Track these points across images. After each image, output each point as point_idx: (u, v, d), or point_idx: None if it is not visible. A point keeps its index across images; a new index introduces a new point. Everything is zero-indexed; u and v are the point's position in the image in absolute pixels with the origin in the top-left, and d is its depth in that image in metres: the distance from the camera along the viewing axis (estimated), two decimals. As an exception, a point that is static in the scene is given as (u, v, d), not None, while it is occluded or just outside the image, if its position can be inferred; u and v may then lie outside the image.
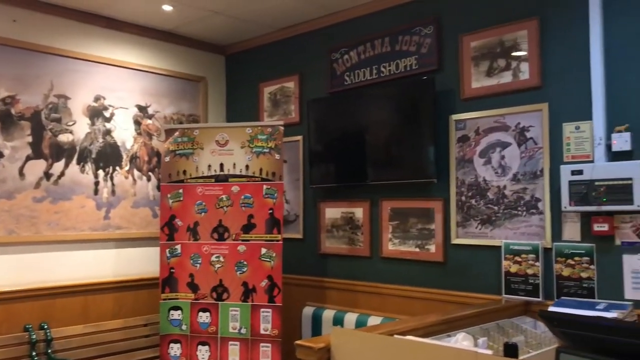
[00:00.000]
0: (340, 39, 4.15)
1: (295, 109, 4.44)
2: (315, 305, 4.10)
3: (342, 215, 4.07)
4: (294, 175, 4.40)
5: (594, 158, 2.94)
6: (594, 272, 2.93)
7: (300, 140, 4.36)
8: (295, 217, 4.38)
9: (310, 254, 4.26)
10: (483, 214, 3.37)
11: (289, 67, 4.49)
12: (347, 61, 4.08)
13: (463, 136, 3.48)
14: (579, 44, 3.02)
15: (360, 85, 4.01)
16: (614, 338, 1.64)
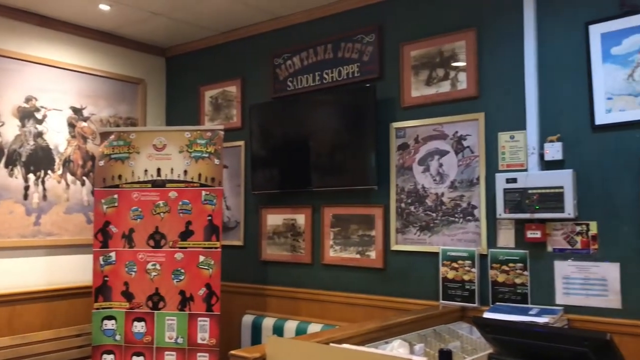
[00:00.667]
0: (283, 44, 4.12)
1: (237, 114, 4.38)
2: (255, 314, 4.04)
3: (284, 221, 4.04)
4: (235, 181, 4.33)
5: (528, 167, 3.02)
6: (527, 278, 3.01)
7: (242, 146, 4.30)
8: (236, 224, 4.31)
9: (250, 261, 4.20)
10: (422, 220, 3.41)
11: (231, 71, 4.43)
12: (290, 67, 4.06)
13: (403, 144, 3.52)
14: (515, 56, 3.11)
15: (303, 91, 3.99)
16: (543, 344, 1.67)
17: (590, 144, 2.87)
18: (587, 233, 2.85)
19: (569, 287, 2.89)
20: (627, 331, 2.67)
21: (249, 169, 4.18)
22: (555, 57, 3.00)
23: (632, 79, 2.76)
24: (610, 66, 2.83)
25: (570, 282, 2.88)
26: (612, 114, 2.81)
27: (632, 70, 2.77)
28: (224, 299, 3.84)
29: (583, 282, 2.84)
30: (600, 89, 2.84)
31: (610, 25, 2.83)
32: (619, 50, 2.81)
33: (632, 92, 2.76)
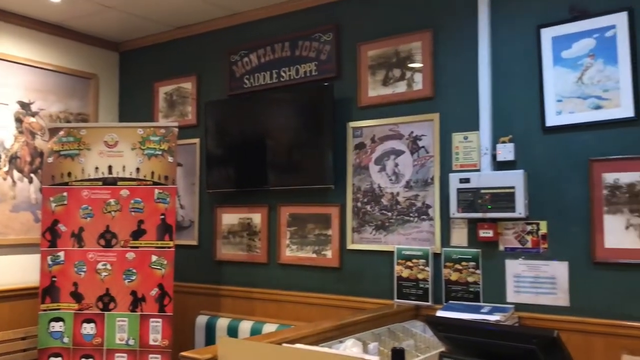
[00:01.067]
0: (240, 41, 4.07)
1: (192, 111, 4.30)
2: (209, 314, 3.98)
3: (240, 221, 3.99)
4: (189, 179, 4.26)
5: (481, 167, 3.07)
6: (479, 276, 3.05)
7: (197, 143, 4.23)
8: (190, 223, 4.24)
9: (205, 261, 4.13)
10: (377, 219, 3.42)
11: (186, 67, 4.35)
12: (247, 64, 4.02)
13: (360, 143, 3.52)
14: (469, 58, 3.15)
15: (260, 88, 3.96)
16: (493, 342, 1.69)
17: (541, 145, 2.93)
18: (538, 232, 2.91)
19: (520, 285, 2.94)
20: (574, 328, 2.74)
21: (204, 167, 4.12)
22: (508, 59, 3.05)
23: (581, 82, 2.84)
24: (561, 69, 2.89)
25: (521, 280, 2.94)
26: (562, 115, 2.88)
27: (582, 73, 2.84)
28: (177, 300, 3.77)
29: (533, 280, 2.90)
30: (551, 92, 2.91)
31: (561, 29, 2.90)
32: (569, 53, 2.88)
33: (581, 94, 2.83)
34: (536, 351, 1.58)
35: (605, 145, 2.76)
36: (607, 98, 2.77)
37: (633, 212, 2.66)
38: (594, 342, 2.70)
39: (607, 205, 2.73)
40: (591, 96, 2.81)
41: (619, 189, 2.70)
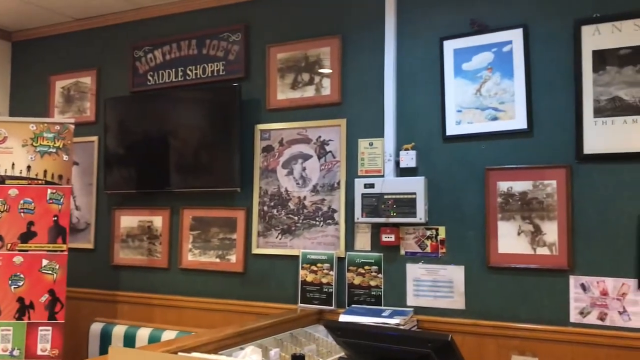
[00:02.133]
0: (144, 36, 3.92)
1: (91, 107, 4.08)
2: (105, 321, 3.78)
3: (140, 224, 3.83)
4: (86, 179, 4.03)
5: (385, 173, 3.12)
6: (381, 280, 3.10)
7: (96, 141, 4.02)
8: (86, 226, 4.01)
9: (101, 266, 3.93)
10: (284, 223, 3.40)
11: (86, 61, 4.13)
12: (151, 60, 3.87)
13: (267, 146, 3.49)
14: (376, 66, 3.20)
15: (164, 86, 3.82)
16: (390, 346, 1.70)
17: (441, 153, 3.03)
18: (437, 237, 3.00)
19: (419, 289, 3.02)
20: (469, 330, 2.85)
21: (103, 166, 3.91)
22: (412, 69, 3.13)
23: (480, 94, 2.96)
24: (461, 80, 3.01)
25: (420, 284, 3.02)
26: (461, 125, 2.99)
27: (480, 85, 2.96)
28: (70, 306, 3.56)
29: (432, 284, 2.99)
30: (452, 102, 3.01)
31: (462, 42, 3.01)
32: (469, 66, 3.00)
33: (480, 106, 2.96)
34: (431, 355, 1.62)
35: (500, 155, 2.89)
36: (502, 110, 2.90)
37: (524, 219, 2.81)
38: (487, 343, 2.82)
39: (501, 212, 2.86)
40: (488, 108, 2.93)
41: (512, 197, 2.84)
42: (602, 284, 2.64)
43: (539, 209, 2.78)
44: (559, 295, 2.71)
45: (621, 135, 2.64)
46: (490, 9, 2.96)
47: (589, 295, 2.66)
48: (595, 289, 2.65)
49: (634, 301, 2.57)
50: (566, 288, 2.70)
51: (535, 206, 2.79)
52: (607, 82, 2.68)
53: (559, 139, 2.76)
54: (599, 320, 2.63)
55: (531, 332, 2.73)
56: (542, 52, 2.83)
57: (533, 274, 2.77)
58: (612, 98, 2.67)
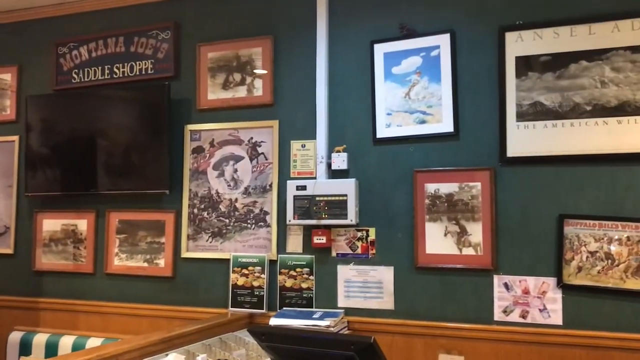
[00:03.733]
0: (69, 32, 3.76)
1: (11, 105, 3.88)
2: (25, 330, 3.59)
3: (63, 227, 3.67)
4: (5, 181, 3.82)
5: (317, 175, 3.12)
6: (313, 282, 3.10)
7: (16, 141, 3.82)
8: (5, 229, 3.80)
9: (22, 272, 3.74)
10: (214, 226, 3.34)
11: (5, 57, 3.92)
12: (76, 57, 3.72)
13: (198, 147, 3.42)
14: (308, 67, 3.19)
15: (90, 84, 3.68)
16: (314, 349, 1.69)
17: (372, 156, 3.05)
18: (367, 239, 3.03)
19: (350, 290, 3.03)
20: (398, 330, 2.89)
21: (23, 167, 3.73)
22: (344, 71, 3.15)
23: (409, 97, 3.01)
24: (391, 84, 3.04)
25: (351, 285, 3.03)
26: (391, 128, 3.03)
27: (409, 89, 3.01)
28: (-14, 315, 3.37)
29: (362, 285, 3.01)
30: (382, 105, 3.05)
31: (392, 46, 3.05)
32: (398, 69, 3.04)
33: (408, 109, 3.00)
34: (354, 357, 1.62)
35: (428, 157, 2.94)
36: (430, 113, 2.96)
37: (450, 220, 2.87)
38: (415, 343, 2.86)
39: (428, 214, 2.91)
40: (417, 111, 2.98)
41: (439, 199, 2.90)
42: (523, 282, 2.73)
43: (464, 210, 2.85)
44: (483, 295, 2.78)
45: (542, 139, 2.74)
46: (419, 14, 3.01)
47: (512, 294, 2.74)
48: (518, 288, 2.74)
49: (553, 299, 2.68)
50: (490, 287, 2.77)
51: (461, 207, 2.85)
52: (529, 87, 2.78)
53: (484, 142, 2.84)
54: (521, 318, 2.72)
55: (457, 331, 2.79)
56: (468, 57, 2.91)
57: (459, 273, 2.83)
58: (533, 103, 2.77)
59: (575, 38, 2.72)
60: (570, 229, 2.66)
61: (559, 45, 2.74)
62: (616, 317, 2.57)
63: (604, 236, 2.61)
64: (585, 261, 2.63)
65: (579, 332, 2.61)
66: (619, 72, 2.64)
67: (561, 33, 2.74)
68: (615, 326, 2.57)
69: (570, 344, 2.61)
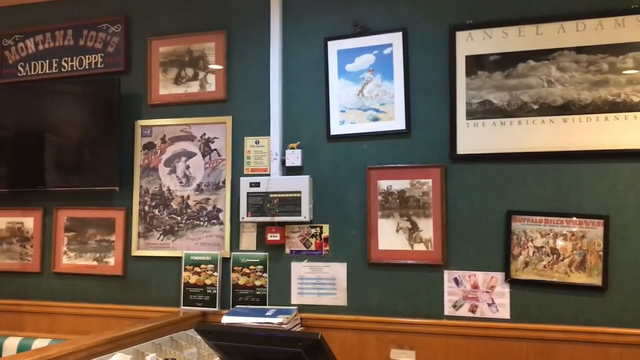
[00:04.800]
0: (14, 24, 3.64)
1: (-48, 99, 3.72)
2: (-33, 332, 3.47)
3: (8, 225, 3.55)
4: (-54, 177, 3.68)
5: (270, 172, 3.10)
6: (266, 280, 3.08)
7: (-42, 136, 3.68)
8: (-54, 228, 3.66)
9: (-36, 272, 3.60)
10: (166, 224, 3.28)
11: (-54, 48, 3.76)
12: (22, 50, 3.60)
13: (149, 143, 3.36)
14: (261, 63, 3.17)
15: (37, 78, 3.57)
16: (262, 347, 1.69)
17: (326, 153, 3.06)
18: (321, 235, 3.03)
19: (303, 287, 3.03)
20: (351, 326, 2.90)
21: (-35, 163, 3.59)
22: (298, 68, 3.14)
23: (362, 95, 3.02)
24: (345, 81, 3.05)
25: (305, 282, 3.03)
26: (345, 125, 3.03)
27: (362, 86, 3.02)
28: None
29: (315, 281, 3.01)
30: (336, 102, 3.05)
31: (346, 43, 3.05)
32: (352, 67, 3.05)
33: (362, 106, 3.01)
34: (302, 354, 1.61)
35: (381, 154, 2.96)
36: (383, 111, 2.98)
37: (402, 217, 2.90)
38: (368, 338, 2.88)
39: (381, 210, 2.93)
40: (370, 108, 3.00)
41: (391, 195, 2.93)
42: (473, 277, 2.78)
43: (416, 206, 2.88)
44: (434, 290, 2.82)
45: (491, 137, 2.79)
46: (373, 12, 3.02)
47: (462, 288, 2.79)
48: (467, 283, 2.79)
49: (501, 293, 2.74)
50: (441, 282, 2.82)
51: (413, 204, 2.89)
52: (478, 86, 2.83)
53: (435, 139, 2.88)
54: (470, 313, 2.77)
55: (408, 326, 2.82)
56: (420, 55, 2.94)
57: (410, 269, 2.87)
58: (482, 101, 2.82)
59: (524, 38, 2.78)
60: (518, 225, 2.72)
61: (507, 45, 2.80)
62: (561, 310, 2.65)
63: (549, 232, 2.68)
64: (531, 256, 2.70)
65: (525, 325, 2.67)
66: (565, 72, 2.71)
67: (510, 33, 2.80)
68: (560, 319, 2.64)
69: (517, 337, 2.67)
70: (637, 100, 2.60)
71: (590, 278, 2.61)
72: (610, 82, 2.64)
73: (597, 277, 2.60)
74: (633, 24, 2.64)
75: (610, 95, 2.64)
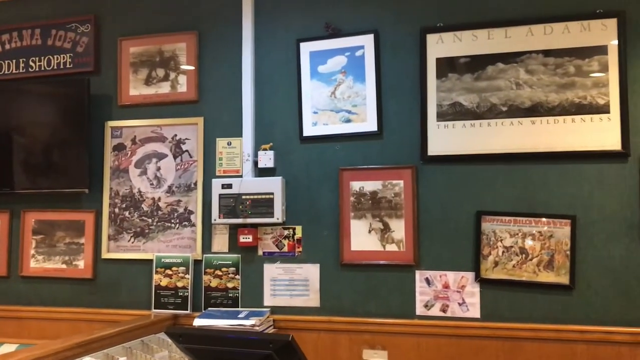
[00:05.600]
0: (-20, 22, 3.56)
1: None
2: None
3: (-26, 228, 3.47)
4: None
5: (243, 173, 3.09)
6: (239, 282, 3.07)
7: None
8: None
9: None
10: (137, 226, 3.24)
11: None
12: (-12, 49, 3.52)
13: (119, 144, 3.31)
14: (233, 64, 3.16)
15: (4, 78, 3.51)
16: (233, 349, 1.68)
17: (299, 154, 3.06)
18: (293, 237, 3.03)
19: (276, 288, 3.03)
20: (324, 327, 2.91)
21: None
22: (270, 69, 3.13)
23: (334, 96, 3.03)
24: (317, 83, 3.05)
25: (277, 283, 3.03)
26: (317, 127, 3.04)
27: (335, 88, 3.03)
28: None
29: (288, 283, 3.01)
30: (308, 103, 3.05)
31: (318, 45, 3.06)
32: (324, 68, 3.06)
33: (334, 108, 3.02)
34: (272, 355, 1.61)
35: (353, 155, 2.98)
36: (355, 113, 2.99)
37: (374, 217, 2.91)
38: (340, 339, 2.89)
39: (353, 211, 2.95)
40: (342, 110, 3.01)
41: (363, 196, 2.94)
42: (444, 277, 2.81)
43: (388, 207, 2.90)
44: (405, 290, 2.84)
45: (461, 138, 2.83)
46: (345, 14, 3.03)
47: (433, 288, 2.82)
48: (438, 283, 2.82)
49: (471, 293, 2.77)
50: (412, 282, 2.84)
51: (385, 205, 2.90)
52: (448, 88, 2.86)
53: (407, 141, 2.90)
54: (442, 312, 2.80)
55: (380, 326, 2.84)
56: (391, 57, 2.96)
57: (382, 269, 2.88)
58: (453, 103, 2.85)
59: (493, 41, 2.82)
60: (487, 225, 2.76)
61: (477, 48, 2.84)
62: (529, 309, 2.69)
63: (518, 232, 2.72)
64: (501, 256, 2.74)
65: (495, 324, 2.71)
66: (533, 75, 2.76)
67: (479, 36, 2.84)
68: (529, 317, 2.69)
69: (487, 336, 2.71)
70: (602, 102, 2.66)
71: (558, 277, 2.66)
72: (577, 85, 2.70)
73: (565, 276, 2.65)
74: (598, 28, 2.70)
75: (576, 98, 2.69)
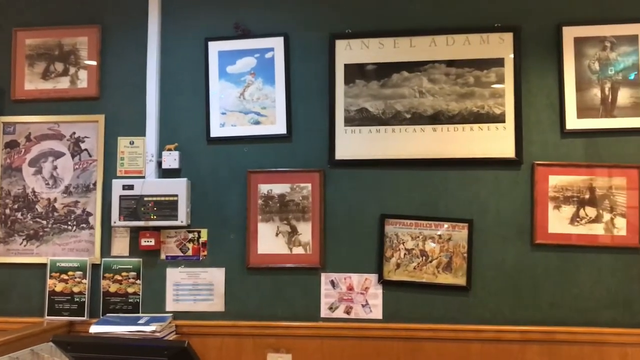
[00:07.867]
0: None
1: None
2: None
3: None
4: None
5: (146, 174, 2.99)
6: (139, 286, 2.96)
7: None
8: None
9: None
10: (30, 229, 3.05)
11: None
12: None
13: (12, 141, 3.11)
14: (138, 62, 3.04)
15: None
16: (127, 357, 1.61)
17: (205, 155, 3.00)
18: (199, 240, 2.96)
19: (179, 293, 2.95)
20: (228, 332, 2.86)
21: None
22: (177, 68, 3.05)
23: (243, 98, 2.99)
24: (226, 83, 3.01)
25: (181, 288, 2.94)
26: (225, 128, 2.99)
27: (244, 89, 3.00)
28: None
29: (192, 287, 2.94)
30: (216, 104, 3.00)
31: (227, 44, 3.02)
32: (233, 69, 3.02)
33: (243, 109, 2.99)
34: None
35: (262, 158, 2.96)
36: (264, 115, 2.97)
37: (282, 220, 2.91)
38: (245, 343, 2.85)
39: (261, 214, 2.92)
40: (251, 112, 2.98)
41: (271, 199, 2.92)
42: (348, 279, 2.85)
43: (295, 210, 2.90)
44: (311, 293, 2.86)
45: (367, 144, 2.88)
46: (255, 15, 3.01)
47: (338, 290, 2.85)
48: (343, 285, 2.85)
49: (374, 294, 2.83)
50: (318, 285, 2.86)
51: (292, 208, 2.90)
52: (356, 94, 2.91)
53: (315, 144, 2.92)
54: (345, 314, 2.83)
55: (286, 330, 2.83)
56: (301, 61, 2.97)
57: (289, 273, 2.88)
58: (359, 109, 2.90)
59: (398, 49, 2.90)
60: (391, 228, 2.83)
61: (383, 56, 2.90)
62: (429, 309, 2.78)
63: (419, 234, 2.81)
64: (403, 258, 2.81)
65: (396, 325, 2.78)
66: (435, 84, 2.86)
67: (385, 44, 2.91)
68: (428, 318, 2.78)
69: (389, 336, 2.77)
70: (498, 112, 2.80)
71: (456, 278, 2.77)
72: (476, 95, 2.83)
73: (462, 277, 2.77)
74: (496, 41, 2.84)
75: (475, 107, 2.82)
